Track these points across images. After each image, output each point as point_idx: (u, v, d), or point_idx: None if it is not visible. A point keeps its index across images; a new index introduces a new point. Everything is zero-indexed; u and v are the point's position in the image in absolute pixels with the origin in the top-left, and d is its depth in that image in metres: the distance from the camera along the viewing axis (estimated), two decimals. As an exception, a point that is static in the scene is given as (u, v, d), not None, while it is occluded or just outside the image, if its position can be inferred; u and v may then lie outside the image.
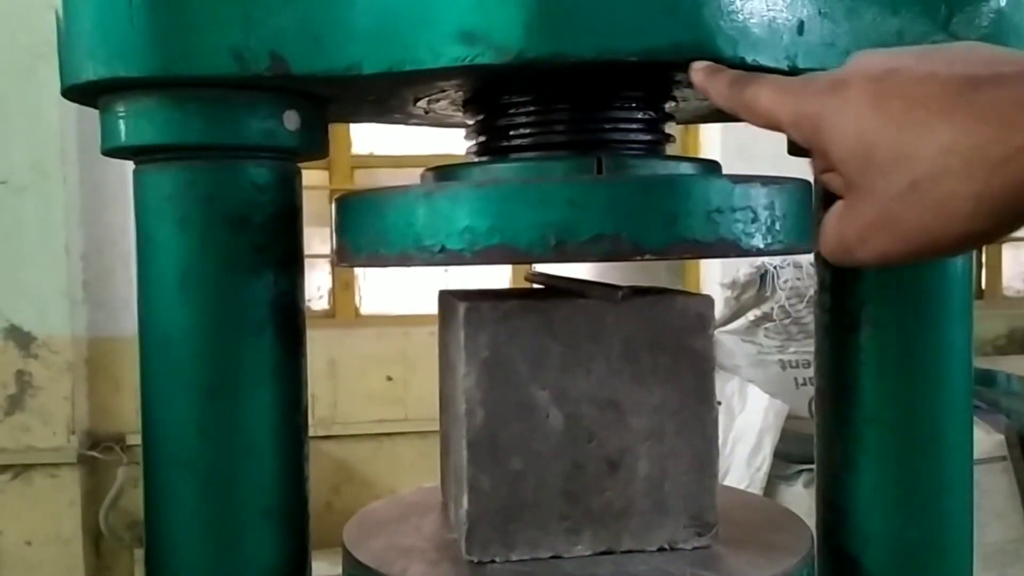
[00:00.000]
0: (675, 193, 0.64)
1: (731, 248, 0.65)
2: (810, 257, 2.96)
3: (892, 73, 0.43)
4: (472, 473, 0.74)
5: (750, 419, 2.69)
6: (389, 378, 3.19)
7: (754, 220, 0.66)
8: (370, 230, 0.69)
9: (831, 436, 0.87)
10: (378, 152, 3.50)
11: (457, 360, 0.76)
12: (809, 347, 2.89)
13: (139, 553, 3.05)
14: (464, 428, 0.74)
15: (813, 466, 0.91)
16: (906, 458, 0.84)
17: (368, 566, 0.74)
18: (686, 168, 0.77)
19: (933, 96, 0.40)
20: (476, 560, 0.74)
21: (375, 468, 2.95)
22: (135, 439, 3.05)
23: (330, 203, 0.84)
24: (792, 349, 2.89)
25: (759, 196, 0.66)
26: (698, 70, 0.62)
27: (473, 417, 0.74)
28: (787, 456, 2.70)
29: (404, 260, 0.67)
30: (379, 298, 3.44)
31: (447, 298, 0.84)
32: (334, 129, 3.31)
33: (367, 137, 3.44)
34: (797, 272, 2.84)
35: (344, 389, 3.16)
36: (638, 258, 0.64)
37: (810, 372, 2.90)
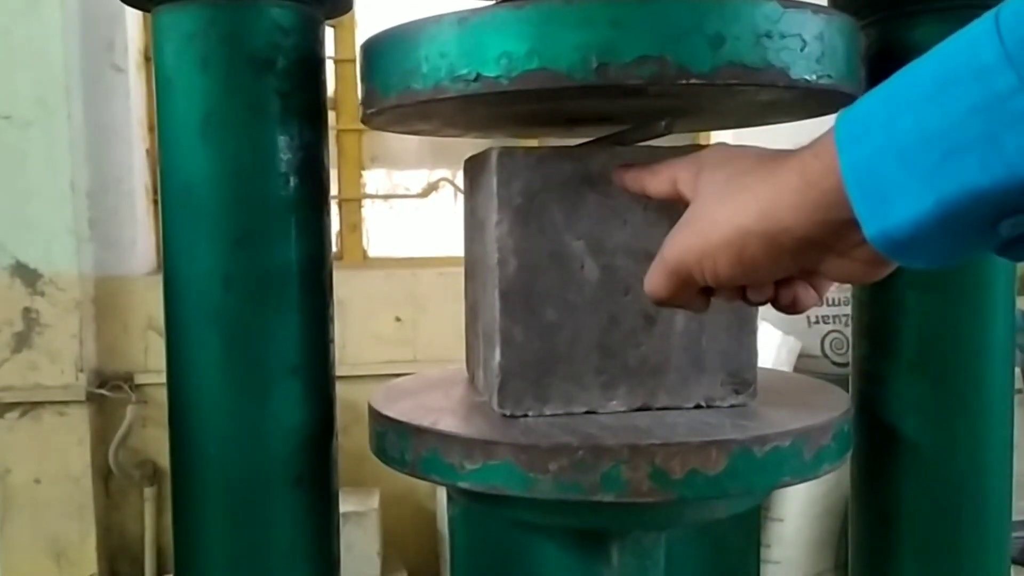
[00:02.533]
0: (723, 14, 0.61)
1: (779, 76, 0.63)
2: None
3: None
4: (505, 325, 0.71)
5: (763, 356, 2.67)
6: (398, 319, 3.17)
7: (804, 48, 0.64)
8: (401, 65, 0.66)
9: (869, 308, 0.85)
10: (385, 93, 3.45)
11: (488, 211, 0.73)
12: (821, 286, 2.87)
13: (149, 491, 3.05)
14: (496, 278, 0.71)
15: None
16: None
17: (398, 420, 0.72)
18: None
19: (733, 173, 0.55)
20: (509, 414, 0.72)
21: (384, 409, 2.94)
22: (144, 378, 3.04)
23: (337, 145, 0.81)
24: (804, 288, 2.86)
25: (809, 24, 0.64)
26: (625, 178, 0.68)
27: (506, 266, 0.71)
28: (799, 394, 2.68)
29: (438, 92, 0.65)
30: (387, 241, 3.41)
31: (474, 159, 0.81)
32: (341, 71, 3.24)
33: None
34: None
35: (352, 330, 3.13)
36: (683, 82, 0.61)
37: (823, 310, 2.89)
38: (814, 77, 0.64)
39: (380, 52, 0.69)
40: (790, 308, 0.56)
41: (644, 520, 0.70)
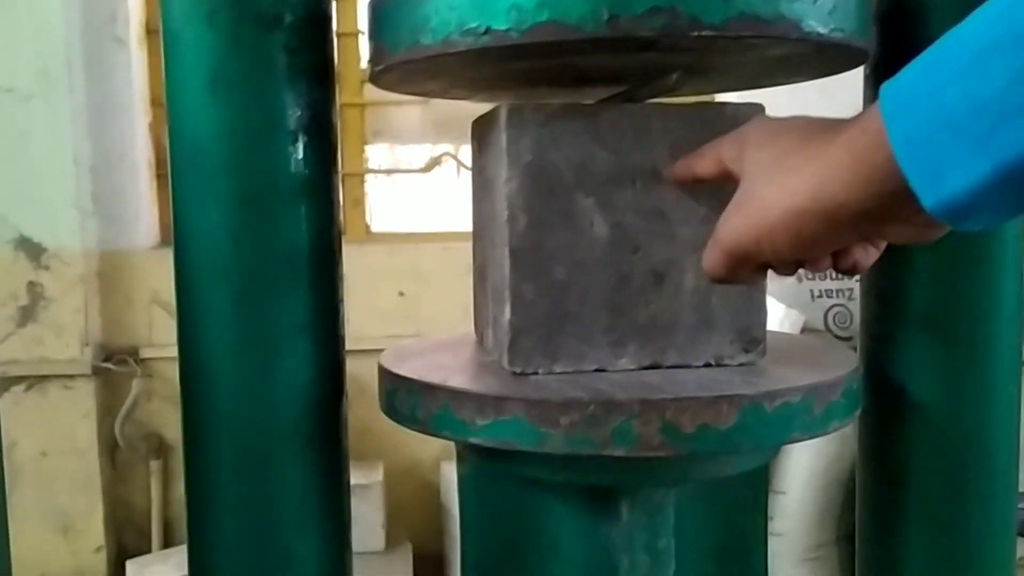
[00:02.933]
0: (736, -36, 0.61)
1: (791, 28, 0.62)
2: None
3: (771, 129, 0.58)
4: (514, 282, 0.71)
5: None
6: (401, 294, 3.17)
7: (816, 0, 0.63)
8: (410, 19, 0.66)
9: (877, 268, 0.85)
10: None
11: (498, 169, 0.73)
12: (826, 259, 2.87)
13: (155, 465, 3.07)
14: (506, 236, 0.71)
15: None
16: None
17: (407, 377, 0.72)
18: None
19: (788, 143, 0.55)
20: (519, 371, 0.72)
21: (388, 383, 2.95)
22: (149, 352, 3.05)
23: (339, 119, 0.81)
24: (809, 261, 2.86)
25: (822, -26, 0.63)
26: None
27: (515, 224, 0.71)
28: (802, 367, 2.69)
29: (447, 46, 0.64)
30: (390, 216, 3.41)
31: (483, 119, 0.81)
32: (344, 44, 3.22)
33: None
34: (815, 181, 2.79)
35: (355, 305, 3.12)
36: (695, 34, 0.61)
37: (826, 284, 2.88)
38: (826, 30, 0.64)
39: (388, 7, 0.69)
40: (851, 271, 0.58)
41: (654, 476, 0.71)
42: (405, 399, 0.72)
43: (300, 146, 0.74)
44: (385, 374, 0.75)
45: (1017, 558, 0.91)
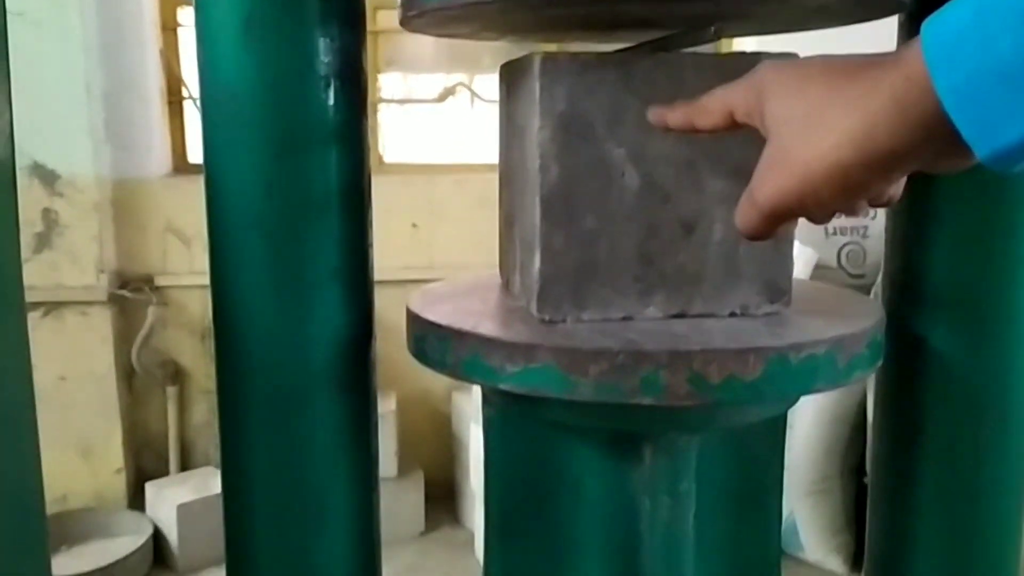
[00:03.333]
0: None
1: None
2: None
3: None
4: (545, 231, 0.72)
5: (778, 266, 2.68)
6: (414, 226, 3.18)
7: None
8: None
9: (904, 219, 0.85)
10: (401, -7, 3.38)
11: (530, 118, 0.73)
12: (841, 197, 2.85)
13: (171, 391, 3.12)
14: (537, 185, 0.72)
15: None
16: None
17: (438, 323, 0.73)
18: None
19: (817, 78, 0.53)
20: (547, 319, 0.73)
21: (398, 314, 2.95)
22: (163, 280, 3.07)
23: None
24: (823, 198, 2.85)
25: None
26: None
27: (547, 173, 0.71)
28: (813, 304, 2.70)
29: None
30: (403, 146, 3.39)
31: (514, 64, 0.80)
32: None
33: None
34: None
35: (369, 236, 3.16)
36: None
37: (841, 222, 2.88)
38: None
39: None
40: (886, 205, 0.57)
41: (679, 423, 0.72)
42: (435, 344, 0.73)
43: (332, 90, 0.74)
44: (415, 319, 0.77)
45: None
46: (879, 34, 0.84)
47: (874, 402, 0.90)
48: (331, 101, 0.74)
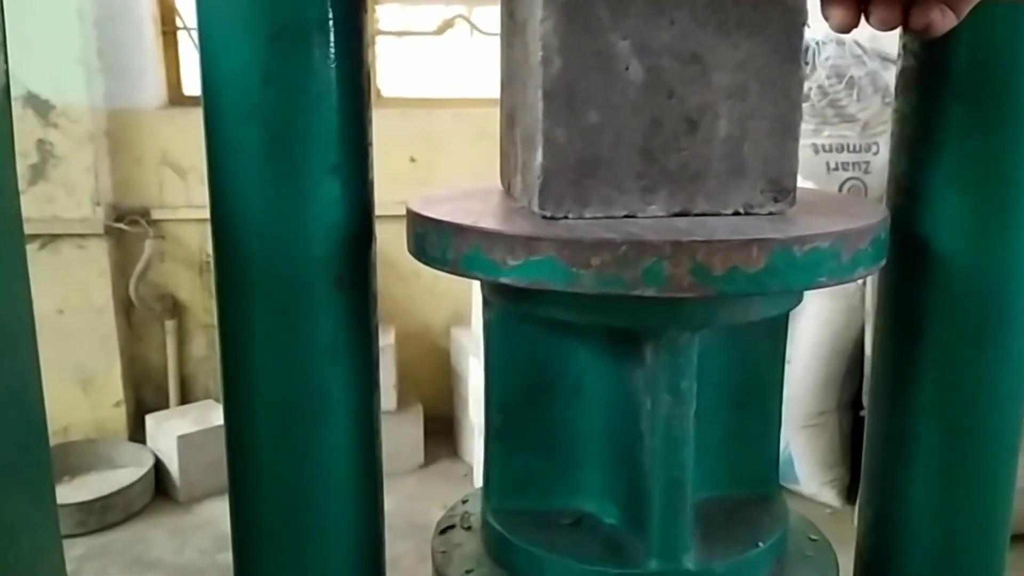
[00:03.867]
0: None
1: None
2: (853, 35, 2.83)
3: None
4: (547, 125, 0.71)
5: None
6: (412, 159, 3.16)
7: None
8: None
9: (910, 121, 0.84)
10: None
11: (532, 8, 0.71)
12: (844, 131, 2.83)
13: (170, 324, 3.13)
14: (540, 79, 0.70)
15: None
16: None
17: (438, 219, 0.72)
18: None
19: None
20: (549, 215, 0.72)
21: (398, 248, 2.92)
22: (160, 213, 3.06)
23: None
24: (827, 133, 2.82)
25: None
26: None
27: (550, 65, 0.70)
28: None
29: None
30: (401, 80, 3.35)
31: (515, -43, 0.78)
32: None
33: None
34: (839, 50, 2.72)
35: (367, 170, 3.13)
36: None
37: (842, 156, 2.86)
38: None
39: None
40: (924, 31, 0.54)
41: (680, 318, 0.72)
42: (435, 241, 0.73)
43: (329, -16, 0.72)
44: (415, 217, 0.76)
45: None
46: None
47: (875, 305, 0.90)
48: (328, -5, 0.72)
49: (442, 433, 3.25)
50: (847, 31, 0.53)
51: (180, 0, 3.11)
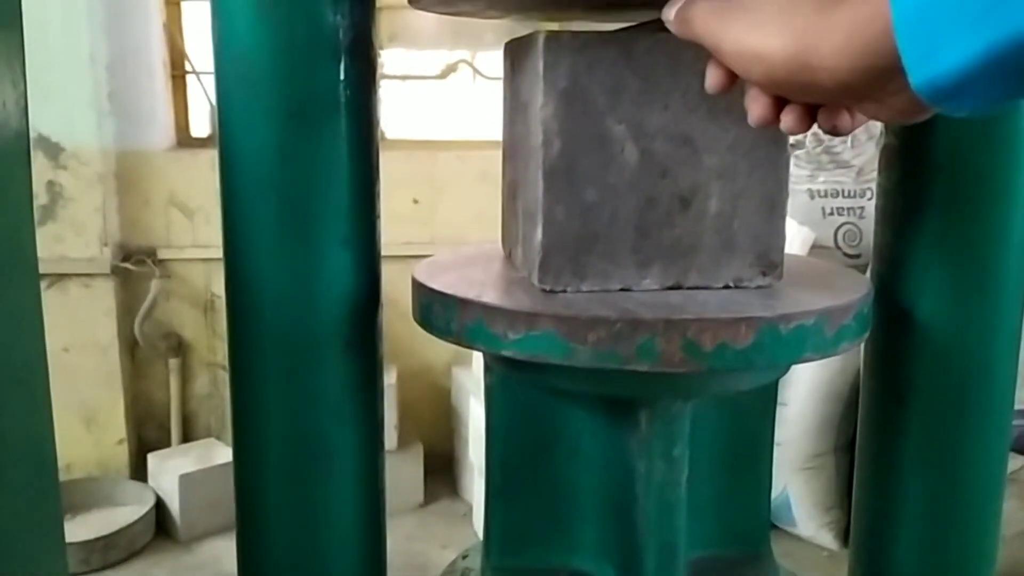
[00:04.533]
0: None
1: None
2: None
3: None
4: (547, 203, 0.75)
5: (776, 245, 2.70)
6: (415, 201, 3.20)
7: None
8: (454, -55, 0.68)
9: (893, 195, 0.88)
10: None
11: (533, 94, 0.75)
12: (839, 177, 2.88)
13: (174, 363, 3.15)
14: (540, 159, 0.74)
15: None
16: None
17: (443, 292, 0.76)
18: None
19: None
20: (548, 289, 0.76)
21: (401, 289, 2.97)
22: (167, 253, 3.10)
23: None
24: (821, 179, 2.87)
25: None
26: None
27: (550, 147, 0.74)
28: (810, 283, 2.73)
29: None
30: (405, 122, 3.41)
31: (518, 42, 0.83)
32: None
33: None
34: (833, 98, 2.77)
35: (370, 211, 3.18)
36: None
37: (837, 201, 2.90)
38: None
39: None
40: (831, 132, 0.57)
41: (673, 389, 0.76)
42: (440, 312, 0.76)
43: (343, 63, 0.76)
44: (420, 288, 0.80)
45: (1009, 472, 0.97)
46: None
47: (862, 372, 0.94)
48: (342, 75, 0.76)
49: (442, 472, 3.27)
50: (763, 126, 0.56)
51: (190, 45, 3.17)
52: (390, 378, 3.03)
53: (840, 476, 2.86)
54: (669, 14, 0.59)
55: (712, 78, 0.57)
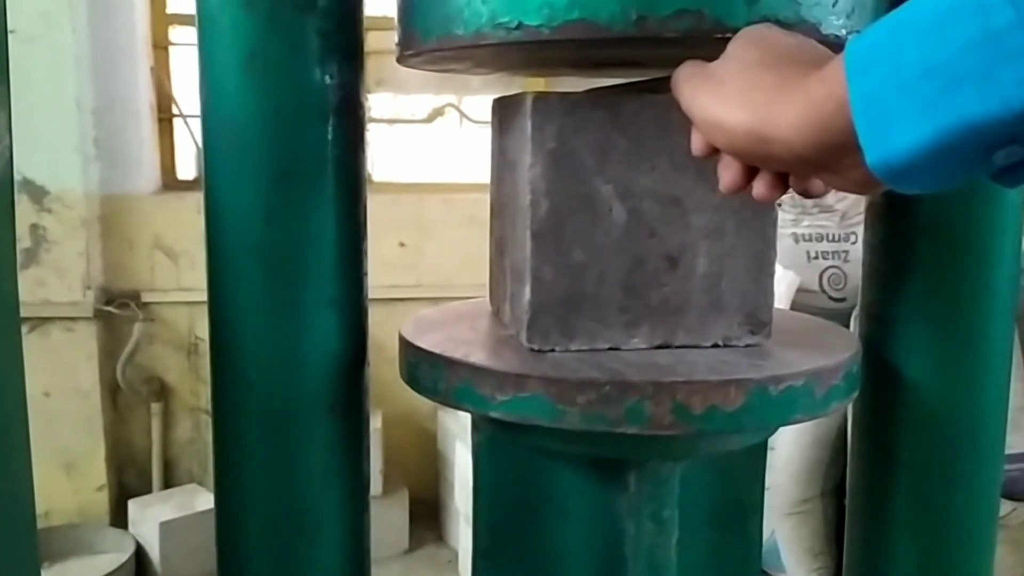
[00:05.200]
0: (760, -31, 0.63)
1: (811, 31, 0.65)
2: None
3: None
4: (535, 263, 0.75)
5: (761, 289, 2.71)
6: (402, 244, 3.20)
7: (835, 5, 0.66)
8: (442, 10, 0.68)
9: (879, 253, 0.88)
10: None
11: (521, 154, 0.76)
12: (823, 221, 2.90)
13: (156, 407, 3.12)
14: (528, 219, 0.74)
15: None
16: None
17: (431, 351, 0.75)
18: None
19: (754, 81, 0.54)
20: (537, 349, 0.76)
21: (387, 333, 2.96)
22: (150, 297, 3.08)
23: None
24: (806, 223, 2.89)
25: (842, -22, 0.65)
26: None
27: (538, 208, 0.74)
28: (795, 327, 2.73)
29: (479, 39, 0.66)
30: (392, 165, 3.42)
31: (506, 100, 0.83)
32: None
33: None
34: (816, 144, 2.80)
35: (356, 254, 3.17)
36: (718, 36, 0.63)
37: (822, 246, 2.92)
38: (844, 32, 0.66)
39: (420, -5, 0.70)
40: (803, 195, 0.58)
41: (662, 451, 0.75)
42: (427, 372, 0.76)
43: (330, 124, 0.76)
44: (408, 346, 0.79)
45: (1000, 516, 0.96)
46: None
47: (851, 429, 0.93)
48: (330, 135, 0.76)
49: (428, 517, 3.23)
50: (734, 193, 0.57)
51: (178, 88, 3.18)
52: (375, 423, 3.00)
53: (827, 521, 2.84)
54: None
55: (695, 142, 0.59)
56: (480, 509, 0.86)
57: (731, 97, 0.54)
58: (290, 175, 0.75)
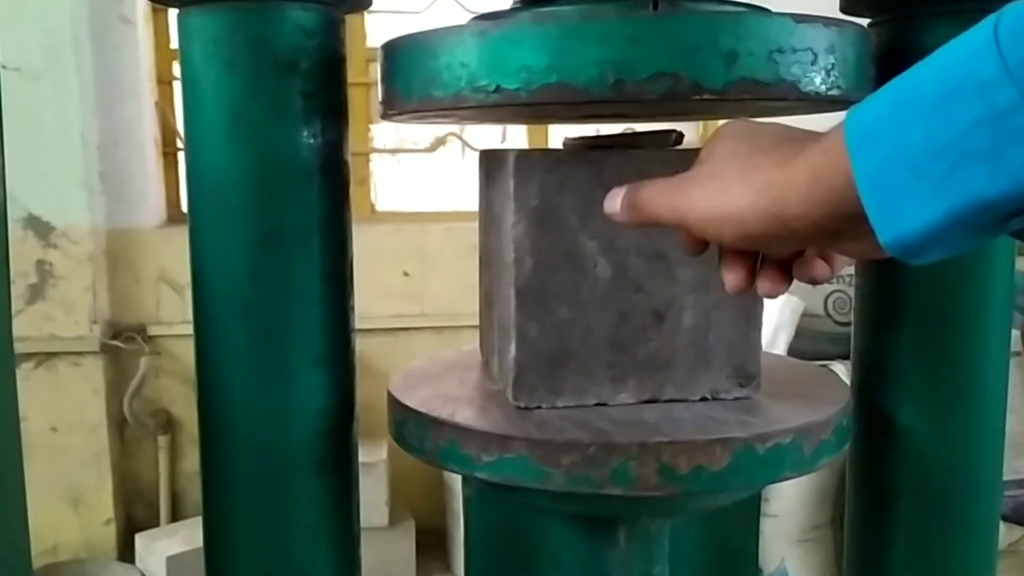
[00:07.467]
0: (737, 31, 0.63)
1: (790, 90, 0.65)
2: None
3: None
4: (520, 321, 0.75)
5: (766, 315, 2.70)
6: (406, 274, 3.20)
7: (814, 62, 0.65)
8: (422, 72, 0.68)
9: (871, 300, 0.88)
10: (394, 45, 3.43)
11: (505, 211, 0.76)
12: (827, 246, 2.89)
13: (163, 440, 3.12)
14: (512, 277, 0.74)
15: (826, 363, 0.92)
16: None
17: (417, 410, 0.75)
18: (742, 7, 0.75)
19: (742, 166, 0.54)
20: (523, 406, 0.75)
21: (391, 363, 2.95)
22: (156, 330, 3.08)
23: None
24: (810, 247, 2.88)
25: (821, 37, 0.65)
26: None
27: (522, 265, 0.74)
28: (801, 353, 2.72)
29: (458, 101, 0.67)
30: (395, 195, 3.43)
31: (491, 155, 0.83)
32: (349, 22, 3.28)
33: (382, 31, 3.38)
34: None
35: (360, 284, 3.14)
36: (696, 98, 0.63)
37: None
38: (824, 89, 0.66)
39: (402, 56, 0.71)
40: (809, 282, 0.58)
41: (651, 509, 0.74)
42: (414, 431, 0.75)
43: (315, 184, 0.76)
44: (395, 404, 0.79)
45: (1008, 544, 0.95)
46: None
47: (847, 476, 0.92)
48: (315, 195, 0.76)
49: (435, 548, 3.21)
50: (742, 293, 0.57)
51: (181, 123, 3.21)
52: (380, 454, 2.99)
53: (838, 548, 2.82)
54: (613, 205, 0.58)
55: (688, 243, 0.59)
56: (472, 563, 0.86)
57: (731, 187, 0.53)
58: (275, 236, 0.75)
